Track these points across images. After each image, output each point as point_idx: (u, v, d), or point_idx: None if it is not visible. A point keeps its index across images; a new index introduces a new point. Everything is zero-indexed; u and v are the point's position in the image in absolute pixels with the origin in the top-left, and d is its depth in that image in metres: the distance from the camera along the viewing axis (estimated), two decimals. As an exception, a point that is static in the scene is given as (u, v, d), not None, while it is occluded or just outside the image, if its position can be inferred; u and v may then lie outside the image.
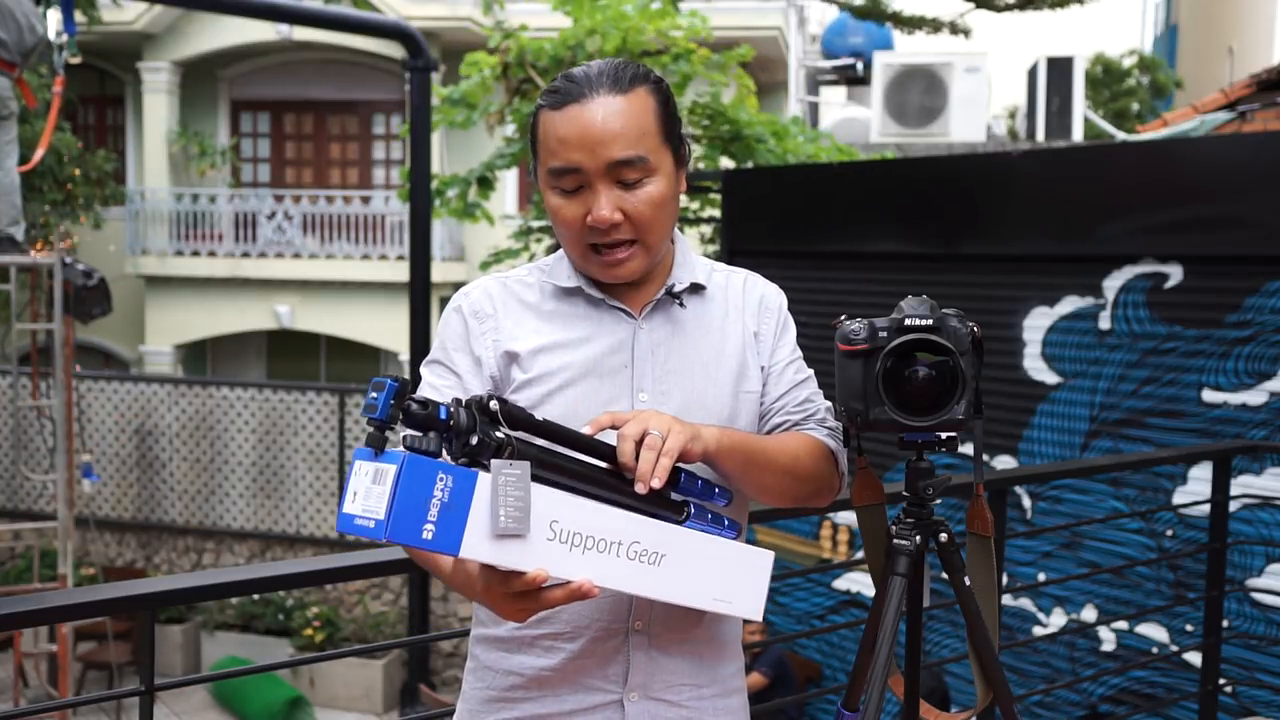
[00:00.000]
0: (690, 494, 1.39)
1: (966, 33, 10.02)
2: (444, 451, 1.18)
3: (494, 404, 1.20)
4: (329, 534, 10.63)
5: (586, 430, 1.30)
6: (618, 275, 1.45)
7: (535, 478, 1.21)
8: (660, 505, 1.34)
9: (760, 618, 1.42)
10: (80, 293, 6.92)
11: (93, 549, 10.95)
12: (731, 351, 1.51)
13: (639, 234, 1.42)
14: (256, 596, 10.14)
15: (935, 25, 10.00)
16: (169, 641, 10.03)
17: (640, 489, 1.28)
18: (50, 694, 7.64)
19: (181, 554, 11.05)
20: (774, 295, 1.59)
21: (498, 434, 1.19)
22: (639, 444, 1.28)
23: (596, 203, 1.40)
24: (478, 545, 1.17)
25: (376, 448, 1.16)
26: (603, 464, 1.31)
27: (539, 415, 1.41)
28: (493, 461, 1.18)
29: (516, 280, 1.53)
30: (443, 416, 1.16)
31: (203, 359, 15.21)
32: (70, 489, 7.03)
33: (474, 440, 1.18)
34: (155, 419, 11.05)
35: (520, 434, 1.23)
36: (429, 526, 1.15)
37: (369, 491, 1.16)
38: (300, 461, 10.72)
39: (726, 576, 1.37)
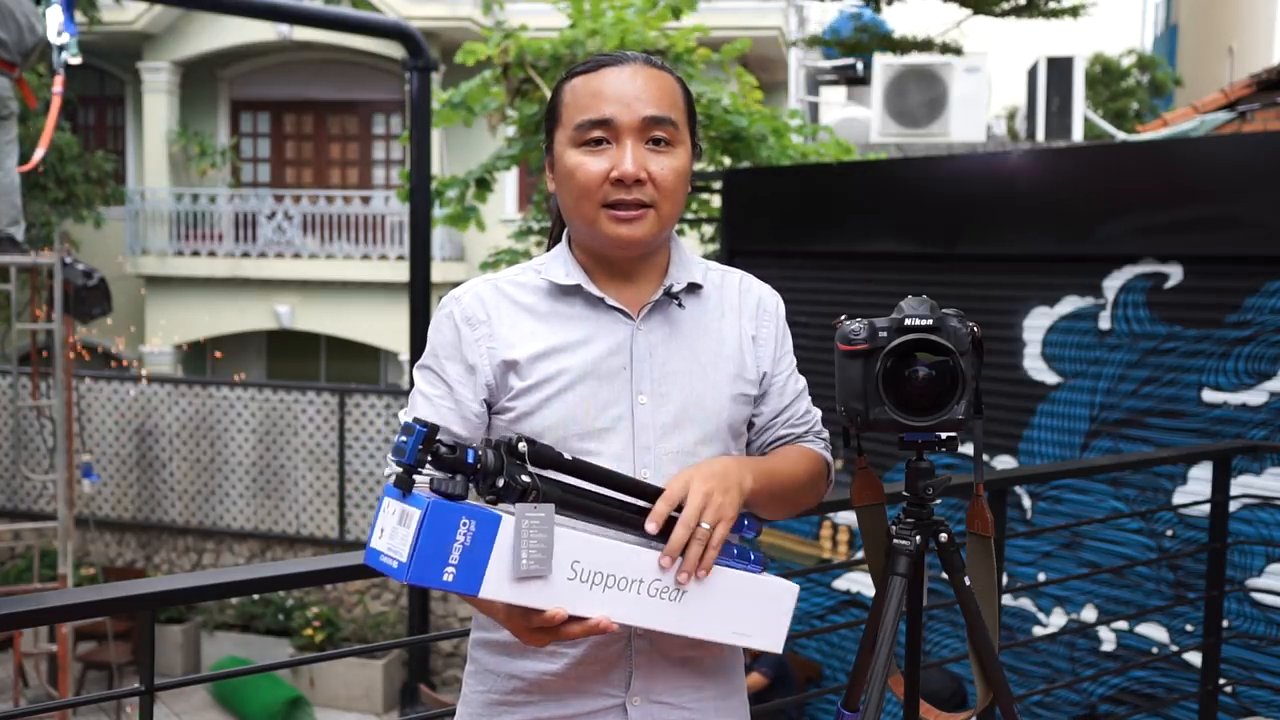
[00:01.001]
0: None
1: (958, 51, 10.02)
2: (471, 488, 1.21)
3: (522, 445, 1.22)
4: (329, 534, 10.63)
5: (651, 527, 1.31)
6: (628, 234, 1.43)
7: (560, 512, 1.24)
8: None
9: (780, 650, 1.43)
10: (80, 293, 6.91)
11: (93, 549, 10.95)
12: (729, 353, 1.51)
13: (657, 198, 1.42)
14: (256, 596, 10.14)
15: (927, 45, 10.00)
16: (169, 641, 10.03)
17: (682, 579, 1.31)
18: (50, 694, 7.63)
19: (181, 554, 11.05)
20: (770, 298, 1.59)
21: (523, 477, 1.21)
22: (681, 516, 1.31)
23: (623, 157, 1.40)
24: (498, 586, 1.21)
25: (404, 489, 1.19)
26: (628, 499, 1.33)
27: (538, 419, 1.42)
28: (517, 506, 1.20)
29: (509, 281, 1.50)
30: (470, 460, 1.19)
31: (203, 359, 15.22)
32: (70, 489, 7.03)
33: (500, 483, 1.20)
34: (155, 419, 11.05)
35: (548, 473, 1.25)
36: (450, 569, 1.18)
37: (395, 532, 1.20)
38: (300, 461, 10.72)
39: (747, 610, 1.39)
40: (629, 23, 7.23)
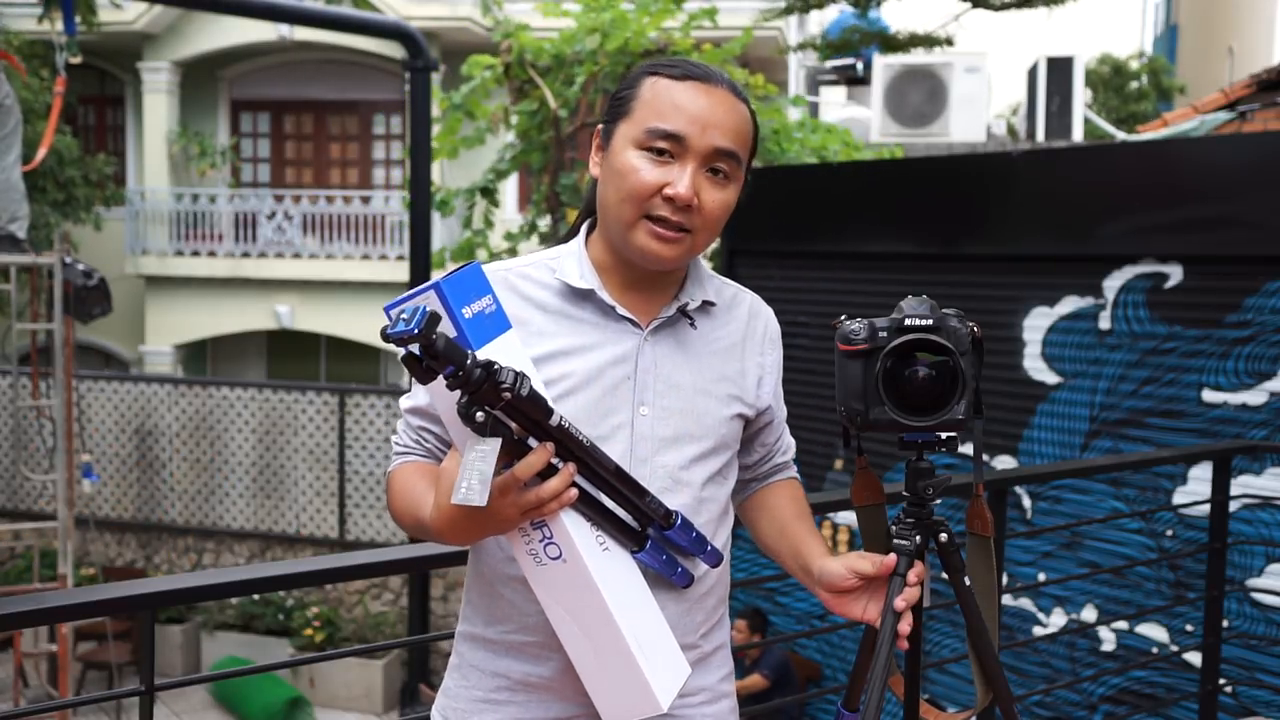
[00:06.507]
0: (681, 545, 1.40)
1: (949, 41, 10.04)
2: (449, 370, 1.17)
3: (525, 388, 1.18)
4: (329, 534, 10.64)
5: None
6: (661, 252, 1.41)
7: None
8: (620, 528, 1.35)
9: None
10: (80, 293, 6.92)
11: (93, 549, 10.95)
12: (732, 374, 1.51)
13: (699, 226, 1.41)
14: (256, 596, 10.14)
15: (925, 42, 10.01)
16: (169, 641, 10.03)
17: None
18: (50, 694, 7.64)
19: (181, 554, 11.05)
20: (774, 326, 1.61)
21: (479, 415, 1.17)
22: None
23: (682, 178, 1.38)
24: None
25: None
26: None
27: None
28: (468, 440, 1.19)
29: (519, 274, 1.46)
30: (458, 365, 1.15)
31: (203, 359, 15.21)
32: (70, 489, 7.03)
33: (472, 409, 1.17)
34: (155, 419, 11.04)
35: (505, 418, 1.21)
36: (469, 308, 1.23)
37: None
38: (300, 461, 10.72)
39: (614, 676, 1.34)
40: (629, 20, 7.23)
